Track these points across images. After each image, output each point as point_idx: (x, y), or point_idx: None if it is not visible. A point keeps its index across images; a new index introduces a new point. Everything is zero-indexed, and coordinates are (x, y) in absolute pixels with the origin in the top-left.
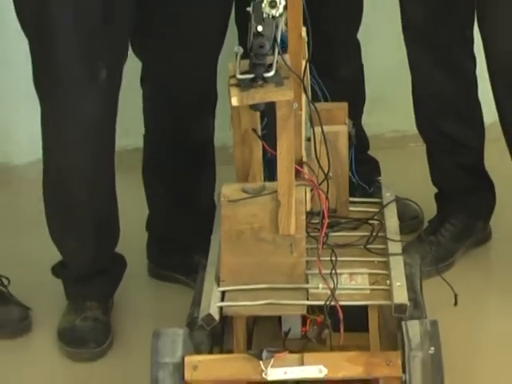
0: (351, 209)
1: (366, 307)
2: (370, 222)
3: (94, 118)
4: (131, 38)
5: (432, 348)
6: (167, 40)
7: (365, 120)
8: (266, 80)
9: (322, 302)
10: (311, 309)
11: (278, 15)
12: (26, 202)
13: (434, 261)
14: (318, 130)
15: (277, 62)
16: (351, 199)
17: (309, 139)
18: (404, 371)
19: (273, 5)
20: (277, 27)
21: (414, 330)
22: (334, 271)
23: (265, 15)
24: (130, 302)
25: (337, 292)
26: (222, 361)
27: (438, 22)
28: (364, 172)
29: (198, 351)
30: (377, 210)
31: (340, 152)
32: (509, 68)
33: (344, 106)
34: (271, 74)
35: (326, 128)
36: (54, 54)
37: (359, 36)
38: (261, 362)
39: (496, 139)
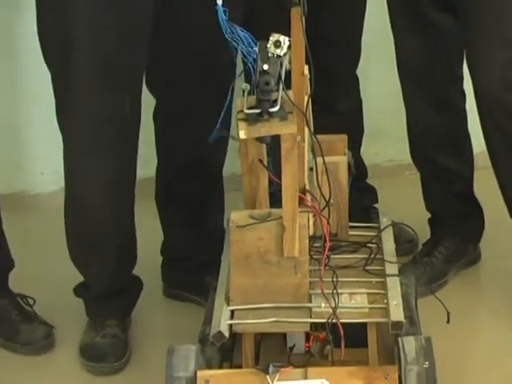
0: (351, 233)
1: (365, 324)
2: (369, 245)
3: (116, 148)
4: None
5: (426, 362)
6: (180, 78)
7: (363, 151)
8: (271, 115)
9: (324, 320)
10: (314, 326)
11: (282, 54)
12: (49, 228)
13: (428, 281)
14: (319, 160)
15: (281, 97)
16: (351, 224)
17: (311, 169)
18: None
19: (277, 45)
20: (281, 65)
21: (409, 345)
22: (335, 291)
23: (270, 54)
24: (146, 320)
25: (338, 310)
26: (232, 375)
27: (429, 61)
28: (363, 199)
29: (209, 366)
30: (374, 234)
31: (340, 181)
32: (495, 107)
33: (344, 138)
34: (276, 108)
35: (327, 159)
36: (76, 86)
37: (358, 72)
38: (267, 377)
39: (484, 168)
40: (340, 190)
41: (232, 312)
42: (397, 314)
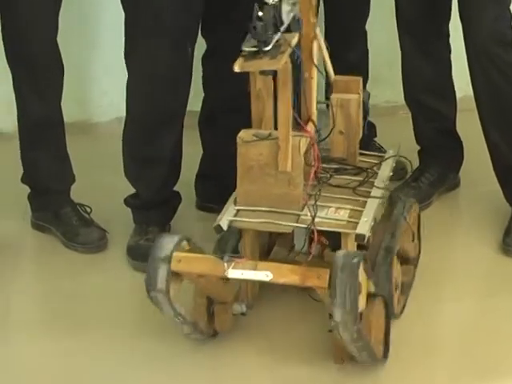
0: (362, 159)
1: None
2: (369, 170)
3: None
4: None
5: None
6: (231, 21)
7: None
8: (264, 53)
9: (304, 226)
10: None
11: (274, 3)
12: (105, 150)
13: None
14: (335, 96)
15: (278, 39)
16: (362, 152)
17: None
18: (330, 286)
19: None
20: (281, 12)
21: (338, 255)
22: (316, 203)
23: (265, 3)
24: (182, 228)
25: (320, 220)
26: (200, 258)
27: (423, 19)
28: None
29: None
30: (377, 162)
31: (351, 115)
32: (484, 56)
33: (358, 79)
34: (268, 48)
35: (341, 96)
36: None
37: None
38: (224, 264)
39: (466, 110)
40: (351, 123)
41: (237, 211)
42: (362, 228)
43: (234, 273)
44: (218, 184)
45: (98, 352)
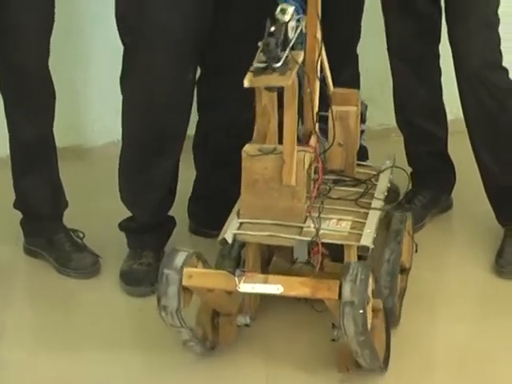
0: (359, 170)
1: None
2: (367, 182)
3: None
4: None
5: (361, 278)
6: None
7: None
8: (274, 69)
9: (308, 238)
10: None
11: (287, 20)
12: (97, 176)
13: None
14: (334, 108)
15: (286, 56)
16: (359, 163)
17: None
18: (340, 296)
19: (283, 12)
20: (286, 30)
21: (352, 266)
22: (319, 216)
23: (277, 19)
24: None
25: (323, 232)
26: (210, 274)
27: (413, 41)
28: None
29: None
30: (375, 173)
31: (350, 126)
32: (474, 79)
33: (356, 92)
34: (278, 65)
35: (340, 108)
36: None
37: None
38: (235, 278)
39: (456, 132)
40: (349, 134)
41: (241, 224)
42: (366, 239)
43: (245, 287)
44: (211, 206)
45: (93, 370)
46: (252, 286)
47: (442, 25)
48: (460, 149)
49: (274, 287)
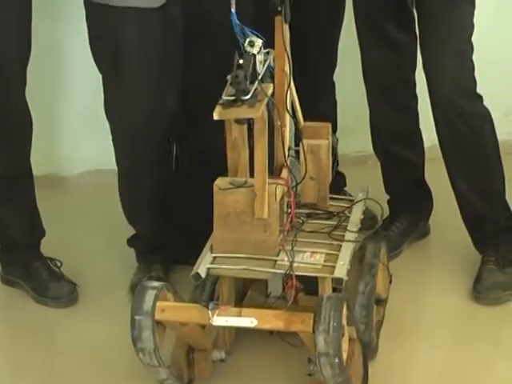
0: (331, 203)
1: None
2: (340, 214)
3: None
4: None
5: (333, 312)
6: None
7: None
8: (243, 102)
9: (282, 271)
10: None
11: (255, 52)
12: (74, 203)
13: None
14: (305, 141)
15: (255, 89)
16: (332, 196)
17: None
18: (313, 330)
19: (251, 44)
20: (255, 62)
21: (326, 301)
22: (293, 249)
23: (245, 52)
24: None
25: (297, 265)
26: (183, 307)
27: (389, 70)
28: (334, 183)
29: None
30: (348, 206)
31: (321, 160)
32: (447, 106)
33: (328, 125)
34: (247, 97)
35: (311, 141)
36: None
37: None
38: (209, 312)
39: (433, 158)
40: (321, 167)
41: (214, 258)
42: (340, 271)
43: (219, 320)
44: (190, 235)
45: None
46: (226, 319)
47: (417, 53)
48: (437, 175)
49: (247, 320)
